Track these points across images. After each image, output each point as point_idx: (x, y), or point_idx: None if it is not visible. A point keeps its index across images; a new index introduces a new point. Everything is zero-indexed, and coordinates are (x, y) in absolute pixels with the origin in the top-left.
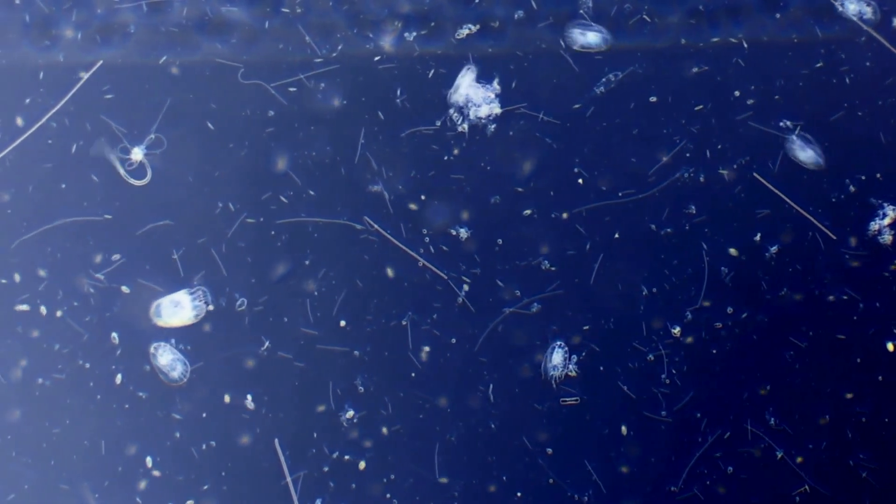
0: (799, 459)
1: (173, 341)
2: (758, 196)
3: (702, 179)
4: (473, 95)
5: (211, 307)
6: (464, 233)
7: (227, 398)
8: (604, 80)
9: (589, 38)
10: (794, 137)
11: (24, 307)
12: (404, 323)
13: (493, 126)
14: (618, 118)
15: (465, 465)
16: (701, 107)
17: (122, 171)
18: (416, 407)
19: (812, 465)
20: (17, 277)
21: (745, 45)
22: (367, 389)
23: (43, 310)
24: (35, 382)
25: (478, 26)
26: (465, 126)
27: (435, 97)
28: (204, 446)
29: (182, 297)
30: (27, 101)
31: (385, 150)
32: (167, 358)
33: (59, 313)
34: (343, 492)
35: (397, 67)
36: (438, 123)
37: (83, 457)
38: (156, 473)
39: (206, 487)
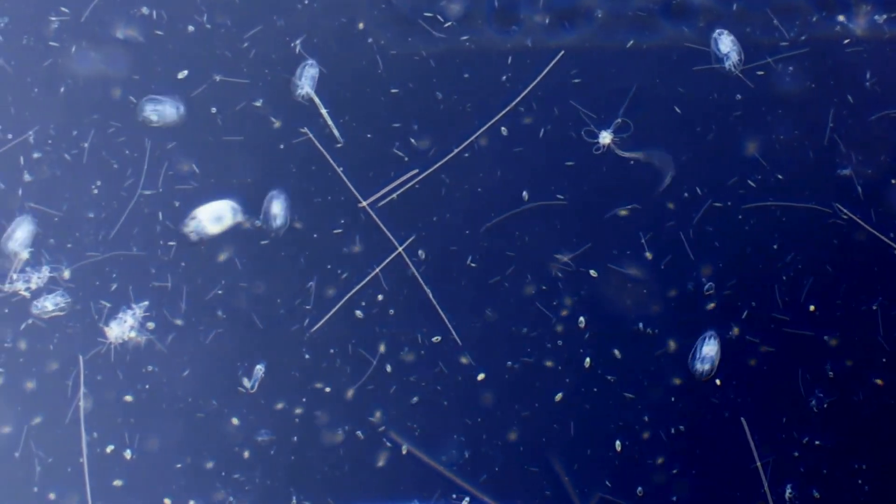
0: None
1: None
2: None
3: None
4: None
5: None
6: None
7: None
8: None
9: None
10: None
11: (492, 290)
12: (874, 308)
13: None
14: None
15: None
16: None
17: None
18: (890, 394)
19: None
20: (479, 260)
21: None
22: (836, 375)
23: (506, 293)
24: (504, 366)
25: None
26: None
27: None
28: (673, 430)
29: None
30: (497, 83)
31: (854, 133)
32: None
33: (524, 296)
34: (814, 477)
35: (866, 50)
36: None
37: (552, 438)
38: (624, 456)
39: (675, 471)
